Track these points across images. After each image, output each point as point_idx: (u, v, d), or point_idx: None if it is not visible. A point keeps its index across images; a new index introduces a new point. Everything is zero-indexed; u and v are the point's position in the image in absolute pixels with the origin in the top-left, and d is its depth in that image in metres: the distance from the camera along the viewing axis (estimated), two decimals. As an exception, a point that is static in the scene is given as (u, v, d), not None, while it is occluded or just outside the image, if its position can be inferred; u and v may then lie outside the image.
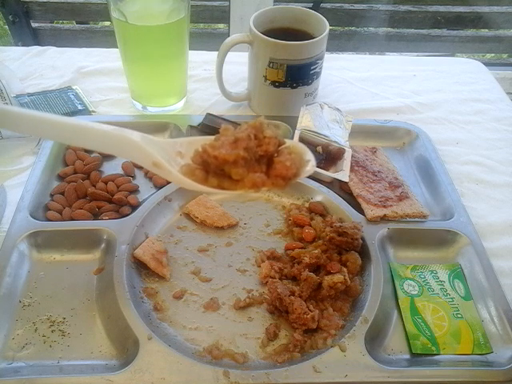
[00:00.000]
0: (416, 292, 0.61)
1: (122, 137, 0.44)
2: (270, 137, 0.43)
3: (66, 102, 0.85)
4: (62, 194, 0.69)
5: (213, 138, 0.44)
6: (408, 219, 0.68)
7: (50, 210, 0.67)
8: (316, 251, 0.61)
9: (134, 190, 0.71)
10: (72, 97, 0.87)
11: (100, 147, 0.48)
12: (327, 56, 0.83)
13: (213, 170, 0.43)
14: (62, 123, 0.45)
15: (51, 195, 0.70)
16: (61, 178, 0.72)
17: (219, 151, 0.41)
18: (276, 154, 0.44)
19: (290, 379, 0.51)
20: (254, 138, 0.42)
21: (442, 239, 0.67)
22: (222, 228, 0.68)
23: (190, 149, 0.46)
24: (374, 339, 0.56)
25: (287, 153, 0.44)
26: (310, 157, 0.46)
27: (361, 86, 0.96)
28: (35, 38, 1.95)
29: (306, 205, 0.71)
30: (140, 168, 0.75)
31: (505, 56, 2.25)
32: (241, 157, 0.41)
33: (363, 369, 0.52)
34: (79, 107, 0.85)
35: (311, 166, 0.45)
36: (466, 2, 1.97)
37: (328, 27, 0.78)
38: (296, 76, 0.79)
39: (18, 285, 0.60)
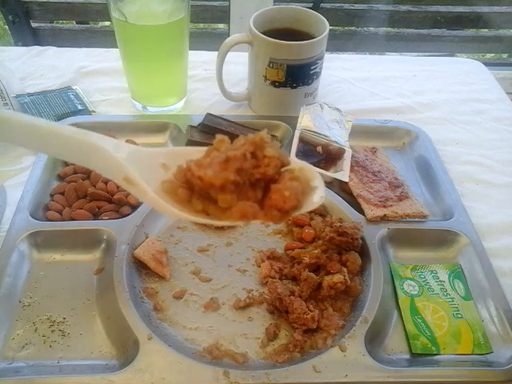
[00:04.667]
0: (416, 292, 0.61)
1: (88, 143, 0.37)
2: (270, 156, 0.36)
3: (65, 101, 0.85)
4: (62, 194, 0.69)
5: (204, 150, 0.38)
6: (408, 219, 0.68)
7: (50, 210, 0.67)
8: (316, 251, 0.61)
9: (134, 190, 0.71)
10: (72, 97, 0.87)
11: (62, 154, 0.41)
12: (327, 56, 0.83)
13: (197, 191, 0.36)
14: (17, 121, 0.37)
15: (51, 195, 0.70)
16: (61, 177, 0.72)
17: (205, 172, 0.34)
18: (277, 177, 0.37)
19: (290, 379, 0.51)
20: (250, 156, 0.36)
21: (442, 239, 0.67)
22: (222, 228, 0.68)
23: (176, 161, 0.39)
24: (374, 339, 0.56)
25: (289, 178, 0.36)
26: (318, 183, 0.38)
27: (361, 86, 0.96)
28: (35, 38, 1.95)
29: (306, 205, 0.71)
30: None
31: (505, 56, 2.25)
32: (230, 181, 0.34)
33: (363, 369, 0.52)
34: (79, 107, 0.85)
35: (319, 196, 0.37)
36: (465, 1, 1.98)
37: (328, 27, 0.78)
38: (296, 76, 0.79)
39: (17, 285, 0.60)
